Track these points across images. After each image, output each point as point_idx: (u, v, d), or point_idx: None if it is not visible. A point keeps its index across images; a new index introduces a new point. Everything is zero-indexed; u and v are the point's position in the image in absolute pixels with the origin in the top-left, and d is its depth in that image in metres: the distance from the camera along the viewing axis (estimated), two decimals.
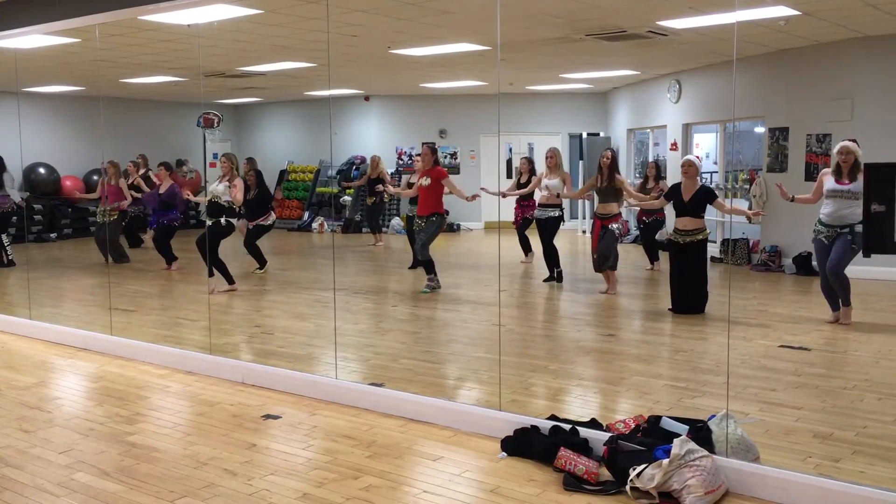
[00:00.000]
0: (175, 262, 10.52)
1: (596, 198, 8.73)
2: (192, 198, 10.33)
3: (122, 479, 3.93)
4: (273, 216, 10.14)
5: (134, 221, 11.87)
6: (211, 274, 8.73)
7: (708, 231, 7.59)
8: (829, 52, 9.64)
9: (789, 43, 9.64)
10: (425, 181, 8.74)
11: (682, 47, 9.85)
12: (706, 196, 7.44)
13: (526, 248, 10.60)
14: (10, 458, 4.22)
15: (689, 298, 7.44)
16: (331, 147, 16.41)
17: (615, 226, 8.46)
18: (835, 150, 6.94)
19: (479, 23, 7.97)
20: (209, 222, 8.71)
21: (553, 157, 9.48)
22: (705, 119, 12.25)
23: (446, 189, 8.78)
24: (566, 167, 15.30)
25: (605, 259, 8.44)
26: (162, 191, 10.55)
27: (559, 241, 9.53)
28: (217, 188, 8.76)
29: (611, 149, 9.11)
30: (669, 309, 7.57)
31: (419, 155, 9.05)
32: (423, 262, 8.79)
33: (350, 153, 16.79)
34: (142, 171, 11.73)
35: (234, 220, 8.80)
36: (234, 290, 8.83)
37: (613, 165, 8.59)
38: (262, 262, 10.10)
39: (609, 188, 8.49)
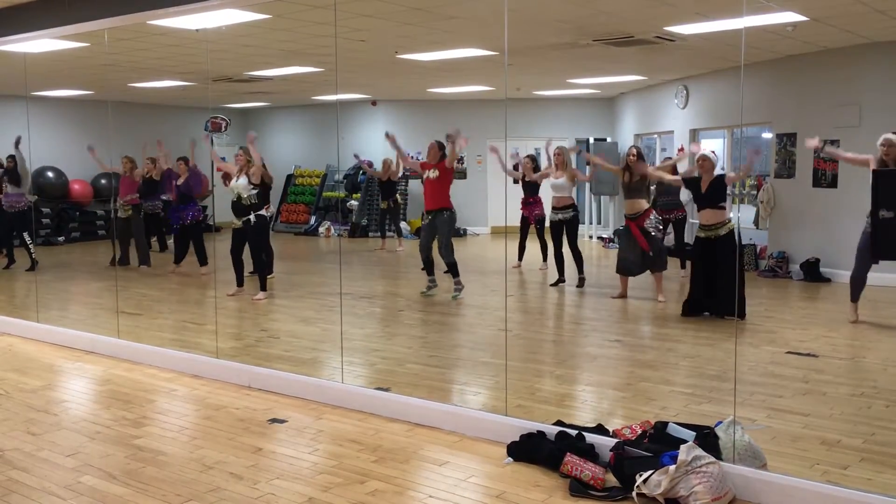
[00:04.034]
0: (185, 265, 10.48)
1: (622, 196, 8.63)
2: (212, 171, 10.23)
3: (129, 483, 3.93)
4: (270, 209, 9.93)
5: (151, 219, 11.70)
6: (240, 283, 8.70)
7: (732, 224, 7.46)
8: (836, 57, 9.62)
9: (797, 49, 9.62)
10: (433, 173, 8.58)
11: (689, 53, 9.83)
12: (722, 184, 7.39)
13: (522, 252, 10.49)
14: (17, 461, 4.23)
15: (721, 298, 7.28)
16: (338, 152, 16.43)
17: (650, 222, 8.31)
18: (878, 142, 6.82)
19: (486, 28, 7.97)
20: (237, 224, 8.68)
21: (560, 154, 9.37)
22: (712, 125, 12.23)
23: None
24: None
25: (654, 262, 8.34)
26: (179, 182, 10.51)
27: (565, 245, 9.47)
28: (238, 183, 8.56)
29: (636, 146, 9.03)
30: (682, 315, 7.50)
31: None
32: (449, 266, 8.65)
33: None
34: (165, 168, 11.55)
35: (264, 213, 8.70)
36: (242, 293, 8.83)
37: (642, 161, 8.49)
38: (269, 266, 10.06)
39: (638, 184, 8.39)
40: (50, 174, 14.29)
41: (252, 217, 8.59)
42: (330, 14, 6.09)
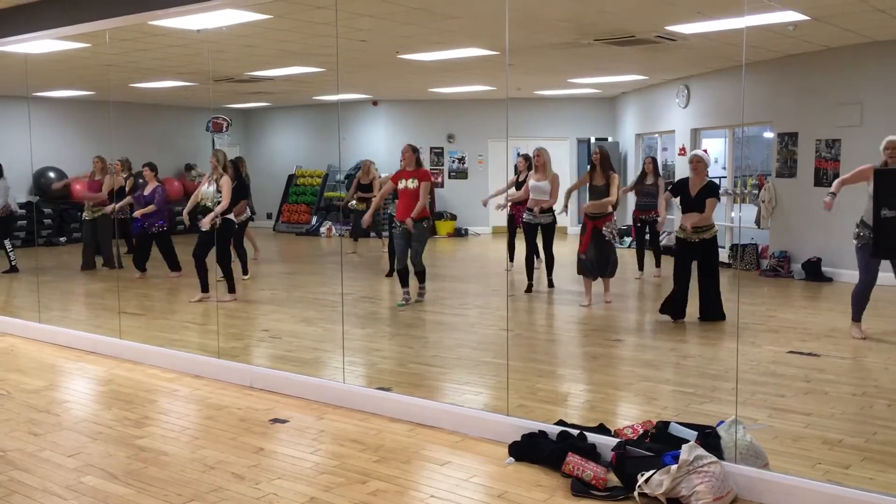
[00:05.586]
0: (177, 273, 10.36)
1: (588, 196, 8.46)
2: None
3: (130, 483, 3.94)
4: (247, 212, 9.74)
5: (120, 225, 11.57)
6: (205, 289, 8.56)
7: (716, 228, 7.38)
8: (838, 57, 9.61)
9: (798, 48, 9.61)
10: (411, 183, 8.20)
11: (690, 52, 9.83)
12: (711, 191, 7.25)
13: (514, 254, 10.29)
14: (19, 461, 4.24)
15: (703, 302, 7.24)
16: (339, 152, 16.43)
17: (607, 229, 8.14)
18: (881, 147, 6.75)
19: (487, 28, 7.98)
20: (204, 229, 8.43)
21: (540, 156, 8.94)
22: (714, 124, 12.22)
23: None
24: (574, 172, 15.34)
25: (603, 268, 8.18)
26: (146, 192, 10.16)
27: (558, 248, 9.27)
28: (207, 191, 8.45)
29: (600, 145, 8.95)
30: (674, 318, 7.32)
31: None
32: (418, 274, 8.36)
33: (358, 158, 16.76)
34: (125, 174, 11.41)
35: (231, 216, 8.48)
36: (208, 299, 8.53)
37: (605, 161, 8.33)
38: (244, 268, 9.85)
39: (604, 186, 8.23)
40: (51, 174, 14.30)
41: (217, 221, 8.32)
42: (331, 14, 6.09)
